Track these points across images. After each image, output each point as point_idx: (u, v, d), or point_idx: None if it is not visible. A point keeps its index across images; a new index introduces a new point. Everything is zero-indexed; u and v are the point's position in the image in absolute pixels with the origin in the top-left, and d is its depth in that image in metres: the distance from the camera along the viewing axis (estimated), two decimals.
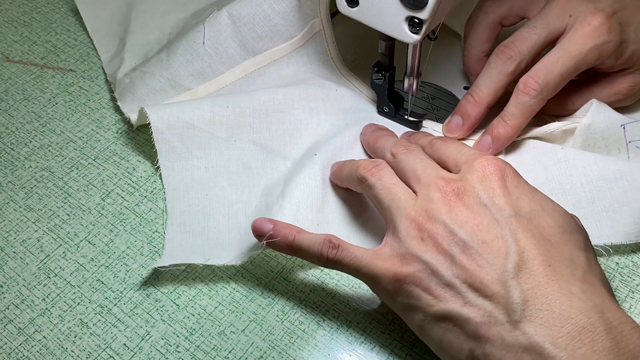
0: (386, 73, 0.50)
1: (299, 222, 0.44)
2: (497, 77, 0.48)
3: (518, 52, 0.47)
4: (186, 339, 0.42)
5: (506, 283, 0.33)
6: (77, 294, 0.44)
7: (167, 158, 0.49)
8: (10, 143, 0.54)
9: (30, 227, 0.48)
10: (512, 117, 0.47)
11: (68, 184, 0.51)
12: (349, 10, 0.47)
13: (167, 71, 0.54)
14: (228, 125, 0.50)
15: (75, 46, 0.62)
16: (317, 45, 0.55)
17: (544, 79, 0.46)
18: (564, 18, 0.46)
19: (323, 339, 0.42)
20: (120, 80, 0.56)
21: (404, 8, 0.44)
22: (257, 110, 0.51)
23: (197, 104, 0.51)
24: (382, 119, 0.53)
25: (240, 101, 0.51)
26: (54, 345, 0.42)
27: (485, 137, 0.48)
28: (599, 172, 0.45)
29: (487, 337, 0.33)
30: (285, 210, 0.45)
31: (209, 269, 0.45)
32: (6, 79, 0.59)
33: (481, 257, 0.34)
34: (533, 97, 0.46)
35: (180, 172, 0.49)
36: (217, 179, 0.49)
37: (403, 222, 0.37)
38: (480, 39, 0.52)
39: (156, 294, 0.44)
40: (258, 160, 0.50)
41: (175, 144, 0.49)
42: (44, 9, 0.66)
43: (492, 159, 0.38)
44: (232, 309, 0.43)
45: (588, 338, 0.31)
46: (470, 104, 0.49)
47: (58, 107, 0.56)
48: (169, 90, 0.54)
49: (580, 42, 0.45)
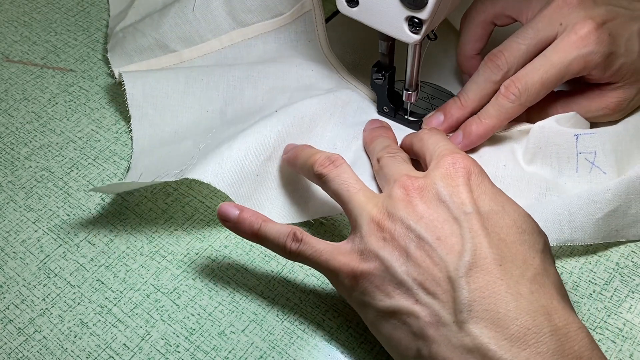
0: (386, 73, 0.50)
1: (242, 166, 0.45)
2: (484, 85, 0.48)
3: (505, 61, 0.47)
4: (186, 339, 0.42)
5: (455, 282, 0.33)
6: (77, 294, 0.44)
7: (140, 123, 0.52)
8: (10, 143, 0.54)
9: (30, 227, 0.48)
10: (487, 116, 0.48)
11: (68, 184, 0.51)
12: (349, 10, 0.47)
13: (156, 31, 0.56)
14: (201, 97, 0.52)
15: (75, 46, 0.62)
16: (306, 24, 0.56)
17: (524, 86, 0.46)
18: (554, 26, 0.46)
19: (323, 339, 0.42)
20: (115, 33, 0.59)
21: (404, 8, 0.44)
22: (230, 86, 0.53)
23: (174, 74, 0.53)
24: (382, 119, 0.53)
25: (215, 75, 0.53)
26: (54, 345, 0.42)
27: (458, 132, 0.49)
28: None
29: (433, 338, 0.33)
30: (234, 150, 0.46)
31: (209, 269, 0.45)
32: (6, 79, 0.59)
33: (435, 253, 0.35)
34: (511, 101, 0.46)
35: (150, 136, 0.51)
36: (183, 141, 0.51)
37: (365, 221, 0.38)
38: (472, 37, 0.52)
39: (156, 294, 0.44)
40: (227, 129, 0.51)
41: (149, 111, 0.52)
42: (44, 9, 0.66)
43: (460, 157, 0.38)
44: (232, 309, 0.43)
45: (532, 339, 0.31)
46: (456, 105, 0.50)
47: (58, 107, 0.56)
48: (156, 50, 0.57)
49: (565, 52, 0.45)
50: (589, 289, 0.44)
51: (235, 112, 0.52)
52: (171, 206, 0.49)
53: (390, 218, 0.37)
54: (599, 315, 0.42)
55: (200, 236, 0.47)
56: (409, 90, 0.50)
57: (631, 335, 0.42)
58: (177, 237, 0.47)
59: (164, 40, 0.56)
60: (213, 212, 0.48)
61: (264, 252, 0.46)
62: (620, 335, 0.42)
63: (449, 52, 0.59)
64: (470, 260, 0.34)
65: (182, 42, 0.56)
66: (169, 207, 0.49)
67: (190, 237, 0.47)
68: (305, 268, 0.45)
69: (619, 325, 0.42)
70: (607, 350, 0.41)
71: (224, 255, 0.46)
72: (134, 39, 0.57)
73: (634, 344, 0.41)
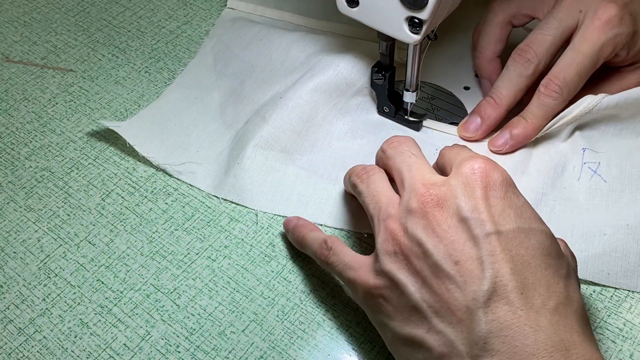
0: (386, 73, 0.50)
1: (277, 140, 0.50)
2: (517, 80, 0.48)
3: (535, 54, 0.47)
4: (186, 339, 0.42)
5: (473, 312, 0.32)
6: (77, 294, 0.44)
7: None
8: (10, 143, 0.54)
9: (31, 227, 0.48)
10: (533, 116, 0.47)
11: (68, 184, 0.51)
12: (349, 11, 0.47)
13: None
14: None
15: (75, 46, 0.61)
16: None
17: (563, 82, 0.46)
18: (574, 14, 0.46)
19: (323, 339, 0.42)
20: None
21: (404, 8, 0.44)
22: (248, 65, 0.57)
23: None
24: (382, 119, 0.53)
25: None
26: (54, 345, 0.42)
27: (503, 133, 0.48)
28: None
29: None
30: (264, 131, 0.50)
31: (209, 269, 0.45)
32: (6, 79, 0.59)
33: (452, 281, 0.33)
34: (555, 99, 0.46)
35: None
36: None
37: (381, 234, 0.36)
38: (492, 39, 0.52)
39: (156, 294, 0.44)
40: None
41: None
42: (44, 9, 0.65)
43: (482, 162, 0.35)
44: (232, 309, 0.43)
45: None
46: (491, 105, 0.49)
47: (58, 107, 0.56)
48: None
49: (593, 39, 0.45)
50: (589, 289, 0.44)
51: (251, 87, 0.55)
52: (171, 206, 0.49)
53: (406, 235, 0.35)
54: (599, 315, 0.42)
55: (200, 236, 0.47)
56: (409, 90, 0.50)
57: (631, 335, 0.42)
58: (177, 237, 0.47)
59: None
60: (213, 212, 0.49)
61: (264, 252, 0.46)
62: (620, 335, 0.42)
63: (449, 52, 0.59)
64: (489, 288, 0.32)
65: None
66: (169, 207, 0.49)
67: (190, 237, 0.47)
68: (305, 268, 0.45)
69: (619, 325, 0.42)
70: (607, 350, 0.41)
71: (224, 255, 0.46)
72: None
73: (634, 344, 0.41)
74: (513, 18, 0.51)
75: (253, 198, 0.49)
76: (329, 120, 0.52)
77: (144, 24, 0.64)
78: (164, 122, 0.54)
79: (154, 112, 0.55)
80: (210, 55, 0.60)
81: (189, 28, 0.63)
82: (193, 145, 0.52)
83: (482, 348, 0.31)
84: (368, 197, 0.39)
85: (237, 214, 0.48)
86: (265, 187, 0.49)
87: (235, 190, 0.49)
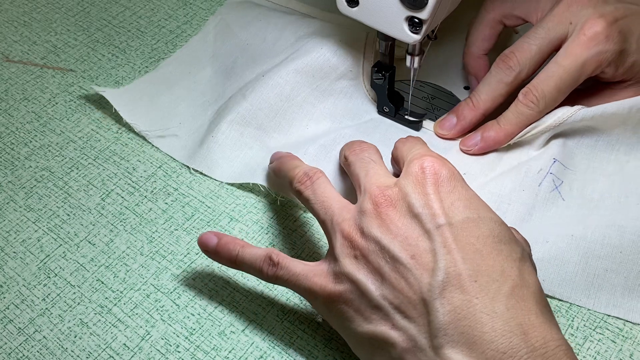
0: (386, 73, 0.50)
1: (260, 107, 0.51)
2: (496, 86, 0.48)
3: (517, 62, 0.47)
4: (186, 339, 0.42)
5: (430, 304, 0.32)
6: (77, 294, 0.44)
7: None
8: (10, 143, 0.54)
9: (30, 227, 0.48)
10: (507, 122, 0.47)
11: (68, 184, 0.51)
12: (349, 10, 0.47)
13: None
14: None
15: (75, 46, 0.62)
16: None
17: (541, 93, 0.46)
18: (564, 25, 0.45)
19: (323, 339, 0.42)
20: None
21: (404, 8, 0.44)
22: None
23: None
24: (383, 119, 0.53)
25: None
26: (54, 345, 0.42)
27: (475, 134, 0.49)
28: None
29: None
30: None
31: (209, 269, 0.45)
32: (6, 79, 0.59)
33: (410, 274, 0.33)
34: (531, 108, 0.46)
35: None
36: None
37: (338, 239, 0.37)
38: (479, 37, 0.52)
39: (156, 294, 0.44)
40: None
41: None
42: (44, 9, 0.66)
43: (430, 160, 0.36)
44: (232, 309, 0.43)
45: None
46: (468, 107, 0.49)
47: (58, 107, 0.56)
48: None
49: (575, 55, 0.44)
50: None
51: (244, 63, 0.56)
52: (171, 206, 0.49)
53: (362, 235, 0.36)
54: (599, 315, 0.42)
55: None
56: (413, 54, 0.49)
57: (631, 335, 0.42)
58: (177, 237, 0.47)
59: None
60: (213, 212, 0.49)
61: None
62: (620, 335, 0.42)
63: (449, 52, 0.59)
64: (443, 279, 0.32)
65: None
66: (169, 207, 0.49)
67: (190, 237, 0.47)
68: None
69: (619, 325, 0.42)
70: (607, 350, 0.41)
71: None
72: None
73: (634, 344, 0.41)
74: (505, 18, 0.51)
75: (222, 171, 0.50)
76: (310, 101, 0.52)
77: (143, 23, 0.64)
78: (154, 93, 0.56)
79: (146, 83, 0.57)
80: (212, 33, 0.61)
81: (189, 28, 0.63)
82: (177, 117, 0.54)
83: (442, 339, 0.32)
84: (317, 204, 0.39)
85: (237, 214, 0.48)
86: (236, 162, 0.50)
87: (206, 162, 0.50)
